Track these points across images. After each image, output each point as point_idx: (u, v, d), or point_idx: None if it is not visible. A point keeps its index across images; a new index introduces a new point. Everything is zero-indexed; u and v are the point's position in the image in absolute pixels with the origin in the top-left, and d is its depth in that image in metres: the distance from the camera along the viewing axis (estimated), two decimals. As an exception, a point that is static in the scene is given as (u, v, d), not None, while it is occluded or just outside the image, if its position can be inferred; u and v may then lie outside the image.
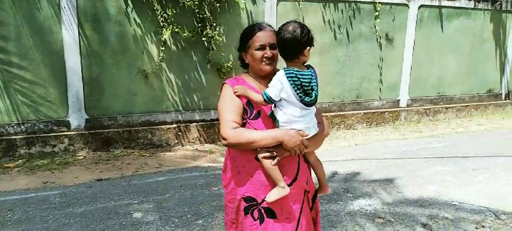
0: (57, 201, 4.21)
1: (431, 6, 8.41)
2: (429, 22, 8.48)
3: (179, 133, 6.62)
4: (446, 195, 4.49)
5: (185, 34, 6.20)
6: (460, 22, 8.78)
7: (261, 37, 2.07)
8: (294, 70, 1.98)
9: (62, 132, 5.94)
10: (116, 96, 6.16)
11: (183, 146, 6.60)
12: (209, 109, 6.81)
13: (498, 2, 9.02)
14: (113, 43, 6.00)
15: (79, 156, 5.83)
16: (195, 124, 6.72)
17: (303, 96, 1.98)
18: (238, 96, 2.08)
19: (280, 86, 1.99)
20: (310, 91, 2.01)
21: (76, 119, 5.98)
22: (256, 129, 2.05)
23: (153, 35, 6.20)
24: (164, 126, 6.53)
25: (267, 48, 2.07)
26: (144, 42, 6.19)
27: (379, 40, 7.99)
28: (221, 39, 6.45)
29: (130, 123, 6.31)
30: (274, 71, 2.10)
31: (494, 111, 9.69)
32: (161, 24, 6.09)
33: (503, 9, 9.13)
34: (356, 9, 7.68)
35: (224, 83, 2.18)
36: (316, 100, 2.05)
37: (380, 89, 8.29)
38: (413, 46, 8.39)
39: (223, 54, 6.52)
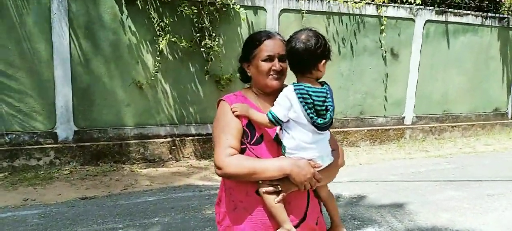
0: (34, 222, 3.82)
1: (438, 22, 8.14)
2: (435, 38, 8.20)
3: (173, 147, 6.26)
4: (462, 225, 4.12)
5: (182, 44, 5.87)
6: (467, 38, 8.51)
7: (270, 47, 1.73)
8: (305, 86, 1.64)
9: (49, 144, 5.56)
10: (108, 107, 5.80)
11: (177, 161, 6.23)
12: (206, 123, 6.45)
13: (506, 19, 8.76)
14: (106, 52, 5.67)
15: (65, 170, 5.45)
16: (190, 138, 6.36)
17: (315, 118, 1.63)
18: (237, 116, 1.73)
19: (288, 104, 1.64)
20: (324, 113, 1.66)
21: (64, 131, 5.61)
22: (258, 157, 1.69)
23: (148, 44, 5.88)
24: (158, 140, 6.16)
25: (276, 59, 1.72)
26: (139, 51, 5.86)
27: (384, 55, 7.69)
28: (220, 50, 6.13)
29: (122, 135, 5.95)
30: (281, 88, 1.73)
31: (501, 131, 9.36)
32: (158, 33, 5.77)
33: (510, 26, 8.86)
34: (360, 22, 7.39)
35: (221, 100, 1.82)
36: (331, 123, 1.69)
37: (384, 106, 7.96)
38: (419, 62, 8.10)
39: (222, 65, 6.19)
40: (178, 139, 6.28)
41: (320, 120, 1.64)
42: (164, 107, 6.19)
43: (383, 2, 7.46)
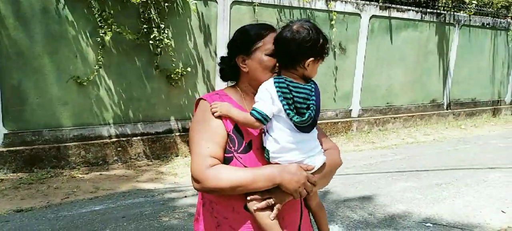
0: (-41, 244, 3.28)
1: (382, 17, 8.37)
2: (380, 33, 8.44)
3: (119, 149, 5.79)
4: (418, 216, 4.22)
5: (129, 37, 5.42)
6: (408, 33, 8.86)
7: None
8: (286, 80, 1.46)
9: (-28, 150, 4.87)
10: (43, 107, 5.21)
11: (123, 163, 5.78)
12: (155, 121, 6.06)
13: (443, 15, 9.26)
14: (39, 45, 5.07)
15: (-6, 179, 4.81)
16: (138, 137, 5.93)
17: (292, 114, 1.45)
18: (219, 117, 1.49)
19: (269, 97, 1.45)
20: (304, 111, 1.48)
21: (-10, 134, 4.95)
22: (246, 166, 1.47)
23: (89, 37, 5.35)
24: (101, 141, 5.66)
25: None
26: (78, 44, 5.31)
27: (333, 49, 7.76)
28: (170, 43, 5.76)
29: (59, 138, 5.38)
30: None
31: (438, 121, 9.94)
32: (99, 24, 5.27)
33: (446, 22, 9.39)
34: (311, 16, 7.38)
35: (201, 99, 1.57)
36: (312, 124, 1.51)
37: (334, 99, 8.06)
38: (364, 56, 8.29)
39: (173, 59, 5.83)
40: (124, 139, 5.83)
41: (297, 118, 1.46)
42: (107, 105, 5.69)
43: (332, -4, 7.51)
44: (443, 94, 9.99)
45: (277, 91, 1.44)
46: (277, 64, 1.52)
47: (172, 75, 5.84)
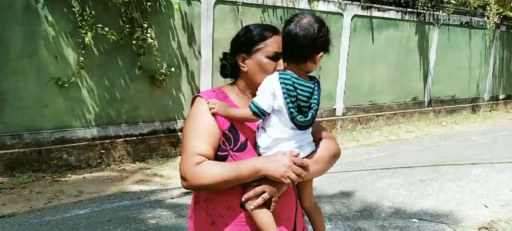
0: None
1: (364, 17, 8.47)
2: (362, 32, 8.53)
3: (103, 151, 5.68)
4: (404, 212, 4.28)
5: (112, 37, 5.32)
6: (389, 33, 8.99)
7: (278, 44, 1.48)
8: (292, 76, 1.44)
9: None
10: (22, 109, 5.06)
11: (107, 165, 5.67)
12: (138, 122, 5.97)
13: (422, 14, 9.43)
14: (18, 46, 4.92)
15: (-28, 185, 4.65)
16: (122, 139, 5.83)
17: (296, 114, 1.44)
18: (214, 115, 1.47)
19: (271, 91, 1.43)
20: (307, 110, 1.48)
21: (-33, 139, 4.78)
22: (227, 162, 1.46)
23: (69, 37, 5.22)
24: (83, 143, 5.54)
25: (281, 60, 1.50)
26: (58, 45, 5.18)
27: (317, 48, 7.80)
28: (153, 43, 5.68)
29: (40, 141, 5.24)
30: None
31: (419, 118, 10.11)
32: (80, 24, 5.15)
33: (426, 21, 9.57)
34: (294, 15, 7.39)
35: (197, 96, 1.55)
36: (312, 122, 1.52)
37: (318, 99, 8.10)
38: (347, 56, 8.37)
39: (157, 59, 5.75)
40: (107, 141, 5.72)
41: (301, 117, 1.45)
42: (90, 107, 5.58)
43: (315, -4, 7.56)
44: (424, 92, 10.18)
45: (282, 88, 1.43)
46: (283, 60, 1.50)
47: (156, 76, 5.77)
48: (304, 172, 1.45)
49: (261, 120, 1.49)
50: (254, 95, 1.51)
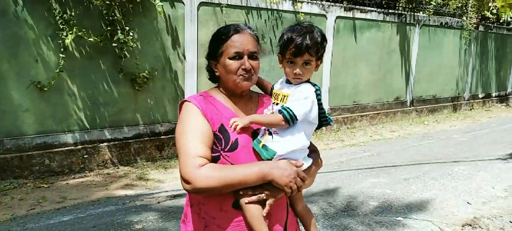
0: None
1: (346, 18, 8.56)
2: (345, 34, 8.62)
3: (86, 156, 5.58)
4: (390, 210, 4.33)
5: (91, 39, 5.23)
6: (371, 34, 9.10)
7: (238, 42, 1.50)
8: (317, 86, 1.56)
9: None
10: (2, 114, 4.93)
11: (91, 170, 5.57)
12: (122, 126, 5.88)
13: (403, 15, 9.59)
14: (-4, 49, 4.80)
15: (-51, 193, 4.50)
16: (105, 144, 5.73)
17: (330, 119, 1.62)
18: (204, 118, 1.50)
19: (310, 106, 1.50)
20: (325, 115, 1.63)
21: None
22: (233, 164, 1.47)
23: (50, 40, 5.12)
24: (66, 148, 5.43)
25: (245, 57, 1.50)
26: (38, 48, 5.07)
27: (301, 49, 7.83)
28: (135, 45, 5.61)
29: (22, 146, 5.11)
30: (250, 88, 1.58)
31: (402, 118, 10.27)
32: (61, 26, 5.05)
33: (407, 22, 9.72)
34: (278, 18, 7.43)
35: (185, 101, 1.55)
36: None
37: (303, 100, 8.14)
38: (331, 57, 8.44)
39: (138, 62, 5.68)
40: (90, 145, 5.62)
41: (331, 121, 1.62)
42: (71, 111, 5.47)
43: (298, -3, 7.60)
44: (406, 92, 10.34)
45: (318, 98, 1.53)
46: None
47: (137, 79, 5.70)
48: (303, 185, 1.51)
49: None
50: (235, 95, 1.56)
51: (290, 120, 1.46)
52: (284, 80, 1.61)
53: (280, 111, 1.47)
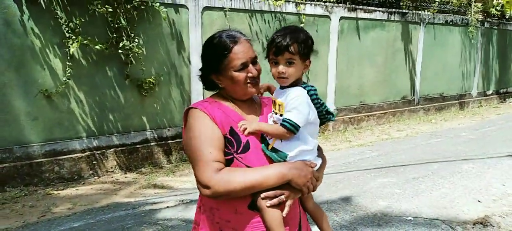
0: None
1: (350, 18, 8.55)
2: (349, 34, 8.61)
3: (94, 162, 5.62)
4: (399, 210, 4.30)
5: (97, 47, 5.28)
6: (376, 33, 9.08)
7: (241, 54, 1.51)
8: (312, 86, 1.55)
9: None
10: (11, 123, 4.98)
11: (99, 177, 5.61)
12: (130, 132, 5.92)
13: (407, 14, 9.55)
14: (4, 58, 4.85)
15: (-39, 202, 4.55)
16: (113, 150, 5.77)
17: (330, 116, 1.61)
18: (214, 123, 1.51)
19: (307, 107, 1.51)
20: (324, 113, 1.61)
21: (-46, 155, 4.68)
22: (248, 166, 1.48)
23: (57, 48, 5.17)
24: (74, 155, 5.48)
25: (250, 65, 1.53)
26: (45, 57, 5.13)
27: (306, 51, 7.83)
28: (140, 51, 5.65)
29: (31, 154, 5.16)
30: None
31: (409, 117, 10.22)
32: (67, 35, 5.11)
33: (411, 21, 9.68)
34: (282, 19, 7.44)
35: (191, 108, 1.55)
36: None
37: (309, 101, 8.13)
38: (336, 57, 8.43)
39: (144, 68, 5.72)
40: (98, 152, 5.66)
41: (332, 118, 1.61)
42: (79, 118, 5.52)
43: (302, 0, 7.61)
44: (413, 91, 10.29)
45: (313, 97, 1.53)
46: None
47: (143, 85, 5.73)
48: (318, 184, 1.56)
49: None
50: (240, 100, 1.56)
51: (293, 130, 1.48)
52: (279, 87, 1.63)
53: (282, 125, 1.48)
